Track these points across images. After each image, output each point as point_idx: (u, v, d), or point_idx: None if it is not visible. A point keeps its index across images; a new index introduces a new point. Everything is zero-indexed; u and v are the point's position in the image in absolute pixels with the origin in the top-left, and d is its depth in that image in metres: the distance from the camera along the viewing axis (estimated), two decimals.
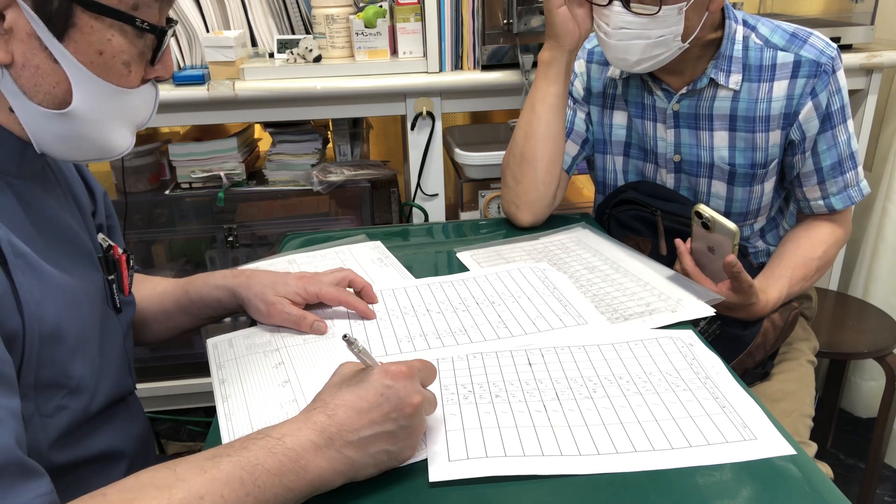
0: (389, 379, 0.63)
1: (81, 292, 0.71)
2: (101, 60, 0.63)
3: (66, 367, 0.67)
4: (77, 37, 0.62)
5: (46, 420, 0.65)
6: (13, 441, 0.53)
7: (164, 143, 1.80)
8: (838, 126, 1.11)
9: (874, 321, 1.62)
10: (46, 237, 0.69)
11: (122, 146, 0.70)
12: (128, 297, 0.83)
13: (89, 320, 0.72)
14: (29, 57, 0.61)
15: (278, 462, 0.57)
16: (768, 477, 0.63)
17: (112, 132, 0.68)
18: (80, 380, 0.68)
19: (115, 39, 0.63)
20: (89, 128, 0.66)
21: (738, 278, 1.00)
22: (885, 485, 1.80)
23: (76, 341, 0.68)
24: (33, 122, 0.65)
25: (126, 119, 0.69)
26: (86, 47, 0.62)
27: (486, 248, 1.15)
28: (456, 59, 1.58)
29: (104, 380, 0.73)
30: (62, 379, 0.66)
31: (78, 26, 0.61)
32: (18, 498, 0.52)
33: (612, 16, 1.04)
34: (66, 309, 0.67)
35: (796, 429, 1.11)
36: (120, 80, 0.66)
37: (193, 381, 1.83)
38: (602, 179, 1.31)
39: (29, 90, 0.63)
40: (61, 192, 0.77)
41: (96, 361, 0.71)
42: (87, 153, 0.69)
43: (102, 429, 0.74)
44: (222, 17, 1.67)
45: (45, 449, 0.65)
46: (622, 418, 0.70)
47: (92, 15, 0.61)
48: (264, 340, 0.89)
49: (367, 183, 1.75)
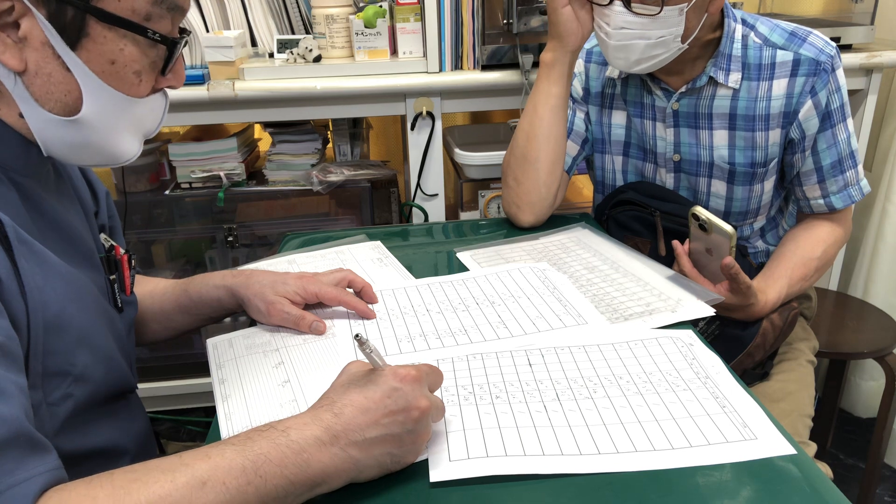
0: (398, 381, 0.62)
1: (84, 287, 0.71)
2: (112, 70, 0.65)
3: (71, 356, 0.67)
4: (90, 46, 0.63)
5: (53, 408, 0.65)
6: (22, 414, 0.54)
7: (164, 143, 1.80)
8: (838, 125, 1.11)
9: (874, 321, 1.62)
10: (49, 234, 0.70)
11: (128, 153, 0.71)
12: (129, 297, 0.83)
13: (93, 314, 0.72)
14: (42, 65, 0.62)
15: (281, 453, 0.57)
16: (768, 477, 0.63)
17: (120, 140, 0.70)
18: (85, 368, 0.69)
19: (127, 49, 0.64)
20: (97, 135, 0.67)
21: (735, 279, 1.00)
22: (885, 485, 1.80)
23: (80, 331, 0.68)
24: (43, 128, 0.66)
25: (134, 127, 0.70)
26: (98, 57, 0.63)
27: (486, 248, 1.15)
28: (456, 59, 1.58)
29: (108, 371, 0.73)
30: (67, 367, 0.67)
31: (91, 36, 0.62)
32: (28, 471, 0.52)
33: (613, 16, 1.04)
34: (70, 299, 0.67)
35: (796, 429, 1.11)
36: (130, 89, 0.67)
37: (193, 381, 1.82)
38: (601, 179, 1.31)
39: (40, 97, 0.64)
40: (66, 192, 0.77)
41: (99, 351, 0.72)
42: (94, 159, 0.70)
43: (106, 421, 0.74)
44: (222, 17, 1.67)
45: (51, 436, 0.64)
46: (622, 418, 0.70)
47: (105, 25, 0.62)
48: (264, 340, 0.89)
49: (367, 183, 1.75)
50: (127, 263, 0.82)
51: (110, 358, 0.74)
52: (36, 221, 0.69)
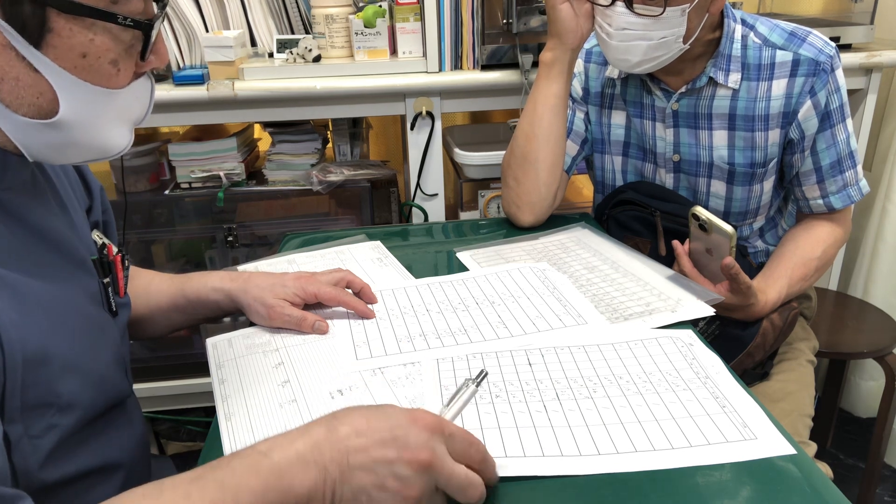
0: (408, 420, 0.57)
1: (71, 305, 0.68)
2: (85, 63, 0.59)
3: (55, 386, 0.63)
4: (55, 42, 0.57)
5: (36, 441, 0.62)
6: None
7: (164, 142, 1.80)
8: (837, 125, 1.11)
9: (874, 321, 1.62)
10: (33, 249, 0.66)
11: (120, 145, 0.67)
12: (123, 299, 0.80)
13: (82, 335, 0.68)
14: (6, 69, 0.57)
15: (263, 481, 0.53)
16: (768, 477, 0.63)
17: (108, 133, 0.65)
18: (71, 396, 0.65)
19: (98, 39, 0.59)
20: (82, 133, 0.63)
21: (736, 279, 1.00)
22: (885, 485, 1.80)
23: (65, 359, 0.64)
24: (21, 135, 0.61)
25: (121, 118, 0.65)
26: (67, 52, 0.58)
27: (486, 248, 1.15)
28: (455, 58, 1.58)
29: (99, 393, 0.69)
30: (50, 398, 0.63)
31: (55, 31, 0.57)
32: None
33: (615, 16, 1.03)
34: (53, 327, 0.64)
35: (796, 429, 1.11)
36: (109, 81, 0.61)
37: (193, 381, 1.82)
38: (601, 179, 1.31)
39: (11, 103, 0.59)
40: (51, 197, 0.73)
41: (89, 375, 0.68)
42: (84, 156, 0.66)
43: (96, 440, 0.70)
44: (222, 17, 1.67)
45: (35, 469, 0.62)
46: (622, 418, 0.70)
47: (68, 17, 0.57)
48: (264, 340, 0.89)
49: (366, 183, 1.75)
50: (120, 264, 0.78)
51: (101, 378, 0.70)
52: (19, 237, 0.65)
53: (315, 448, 0.55)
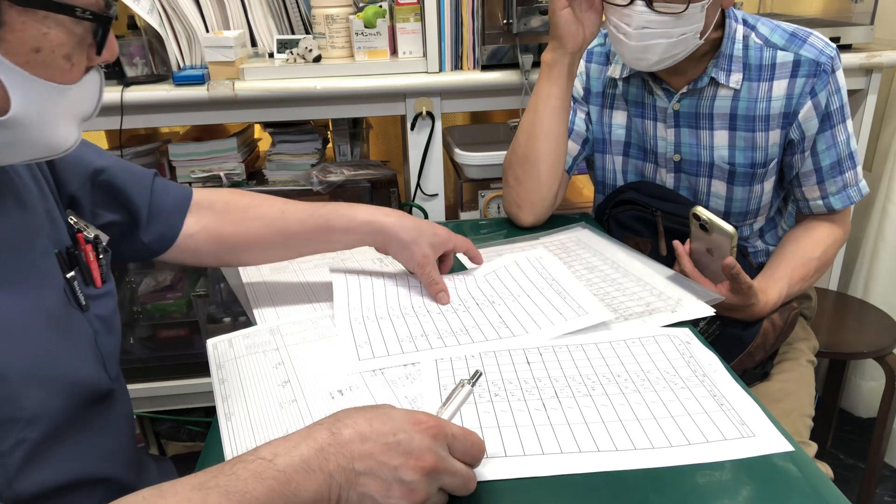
0: (410, 423, 0.57)
1: (28, 313, 0.65)
2: (38, 58, 0.56)
3: (17, 401, 0.61)
4: (7, 36, 0.54)
5: (4, 459, 0.60)
6: None
7: (164, 143, 1.80)
8: (837, 126, 1.11)
9: (874, 321, 1.62)
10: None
11: (66, 143, 0.63)
12: (99, 289, 0.74)
13: (42, 339, 0.65)
14: None
15: (268, 487, 0.52)
16: (768, 477, 0.63)
17: (56, 131, 0.62)
18: (38, 408, 0.62)
19: (51, 33, 0.56)
20: (31, 132, 0.59)
21: (737, 279, 1.00)
22: (885, 485, 1.80)
23: (24, 372, 0.62)
24: None
25: (70, 115, 0.62)
26: (19, 46, 0.55)
27: (486, 248, 1.15)
28: (456, 59, 1.58)
29: (69, 397, 0.67)
30: (14, 413, 0.61)
31: (8, 24, 0.53)
32: None
33: (635, 16, 1.02)
34: (8, 343, 0.61)
35: (796, 429, 1.11)
36: (62, 76, 0.58)
37: (193, 381, 1.82)
38: (602, 179, 1.31)
39: None
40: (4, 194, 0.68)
41: (55, 382, 0.65)
42: (31, 155, 0.63)
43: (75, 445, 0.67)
44: (222, 17, 1.67)
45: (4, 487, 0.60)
46: (621, 416, 0.70)
47: (20, 9, 0.53)
48: (264, 340, 0.89)
49: (366, 183, 1.75)
50: (91, 254, 0.73)
51: (71, 382, 0.67)
52: None
53: (320, 453, 0.55)
